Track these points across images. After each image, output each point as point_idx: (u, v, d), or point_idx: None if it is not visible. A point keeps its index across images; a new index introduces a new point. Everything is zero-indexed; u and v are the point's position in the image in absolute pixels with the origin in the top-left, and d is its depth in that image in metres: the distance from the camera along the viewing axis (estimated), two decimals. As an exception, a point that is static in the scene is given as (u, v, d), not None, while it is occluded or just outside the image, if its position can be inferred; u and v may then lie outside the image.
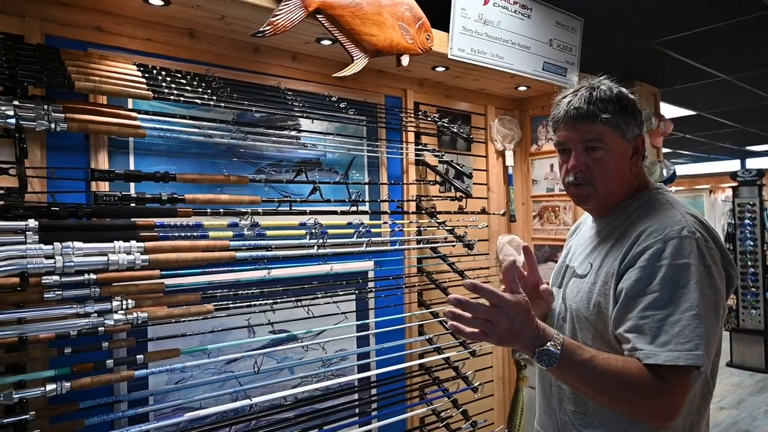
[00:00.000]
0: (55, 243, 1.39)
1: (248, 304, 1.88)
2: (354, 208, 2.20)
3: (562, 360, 0.99)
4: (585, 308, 1.15)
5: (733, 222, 5.98)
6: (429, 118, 2.63)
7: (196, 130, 1.84)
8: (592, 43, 2.95)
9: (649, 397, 0.98)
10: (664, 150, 7.20)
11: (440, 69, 2.53)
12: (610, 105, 1.17)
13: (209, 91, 1.85)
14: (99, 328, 1.47)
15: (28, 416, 1.38)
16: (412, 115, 2.61)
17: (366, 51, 1.97)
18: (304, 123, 2.21)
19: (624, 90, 1.23)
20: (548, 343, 0.99)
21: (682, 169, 9.89)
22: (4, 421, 1.34)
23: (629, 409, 1.02)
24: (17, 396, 1.34)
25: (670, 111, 4.77)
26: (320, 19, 1.84)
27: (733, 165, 9.08)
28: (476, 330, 0.99)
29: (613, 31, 2.96)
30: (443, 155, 2.62)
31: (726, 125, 5.70)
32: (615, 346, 1.10)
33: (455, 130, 2.64)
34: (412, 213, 2.54)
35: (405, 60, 2.11)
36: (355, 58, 1.96)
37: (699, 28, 2.87)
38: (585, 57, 2.89)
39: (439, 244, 2.51)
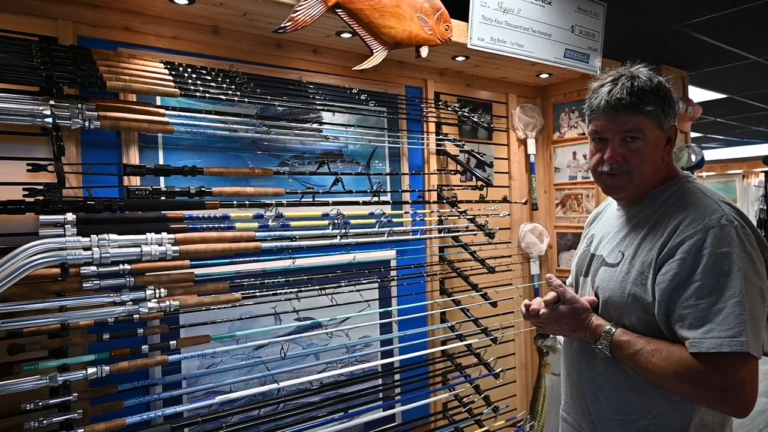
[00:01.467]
0: (92, 235, 1.47)
1: (274, 292, 1.95)
2: (376, 199, 2.24)
3: (614, 355, 1.13)
4: (619, 297, 1.16)
5: (765, 207, 5.82)
6: (450, 108, 2.64)
7: (222, 125, 1.90)
8: (616, 27, 2.90)
9: (701, 386, 1.00)
10: (694, 135, 7.04)
11: (460, 59, 2.53)
12: (651, 96, 1.17)
13: (233, 86, 1.91)
14: (134, 316, 1.55)
15: (71, 397, 1.47)
16: (433, 105, 2.63)
17: (385, 43, 2.00)
18: (326, 115, 2.25)
19: (662, 79, 1.21)
20: (597, 342, 1.15)
21: (713, 154, 9.62)
22: (51, 401, 1.44)
23: (689, 397, 1.07)
24: (61, 378, 1.44)
25: (699, 95, 4.66)
26: (339, 13, 1.87)
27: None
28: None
29: (638, 15, 2.91)
30: (464, 145, 2.63)
31: (759, 108, 5.52)
32: (661, 330, 1.10)
33: (476, 120, 2.64)
34: (434, 202, 2.56)
35: (424, 51, 2.13)
36: (374, 51, 1.98)
37: (727, 9, 2.80)
38: (608, 42, 2.85)
39: (461, 233, 2.53)
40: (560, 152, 3.19)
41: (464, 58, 2.53)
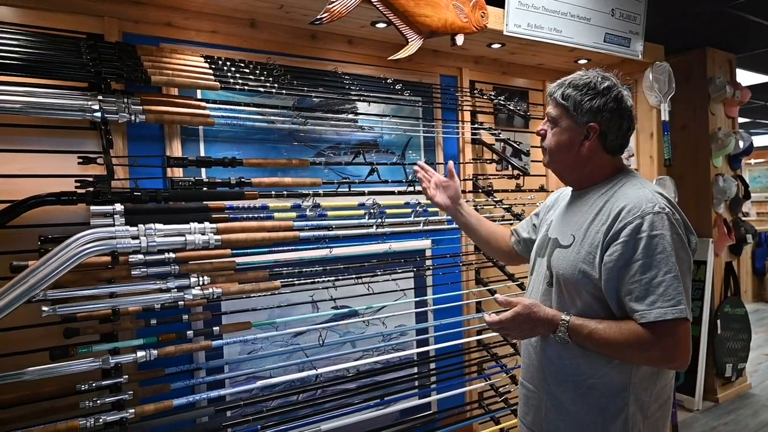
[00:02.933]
0: (139, 225, 1.53)
1: (312, 280, 1.99)
2: (411, 188, 2.24)
3: (572, 339, 1.27)
4: (571, 274, 1.30)
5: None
6: (485, 96, 2.61)
7: (260, 116, 1.94)
8: (658, 10, 2.80)
9: (648, 350, 1.20)
10: (742, 120, 6.74)
11: (496, 46, 2.50)
12: (569, 89, 1.34)
13: (271, 78, 1.94)
14: (179, 302, 1.61)
15: (122, 379, 1.54)
16: (468, 94, 2.60)
17: (420, 32, 1.99)
18: (361, 106, 2.26)
19: (605, 83, 1.33)
20: (557, 331, 1.28)
21: (762, 140, 9.19)
22: (103, 383, 1.51)
23: (638, 361, 1.25)
24: (113, 361, 1.51)
25: (747, 78, 4.46)
26: (375, 3, 1.87)
27: (823, 134, 8.32)
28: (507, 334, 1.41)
29: (682, -4, 2.80)
30: (500, 133, 2.61)
31: (813, 91, 5.24)
32: (606, 303, 1.27)
33: (512, 108, 2.61)
34: (469, 192, 2.55)
35: (460, 39, 2.11)
36: (409, 40, 1.98)
37: (779, -13, 2.67)
38: (651, 25, 2.75)
39: (497, 223, 2.51)
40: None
41: (500, 46, 2.50)
